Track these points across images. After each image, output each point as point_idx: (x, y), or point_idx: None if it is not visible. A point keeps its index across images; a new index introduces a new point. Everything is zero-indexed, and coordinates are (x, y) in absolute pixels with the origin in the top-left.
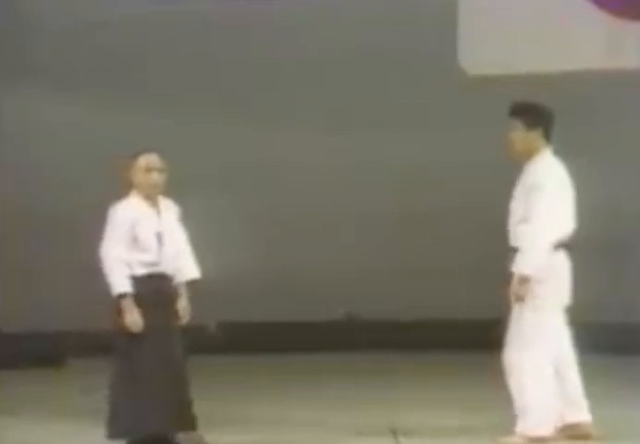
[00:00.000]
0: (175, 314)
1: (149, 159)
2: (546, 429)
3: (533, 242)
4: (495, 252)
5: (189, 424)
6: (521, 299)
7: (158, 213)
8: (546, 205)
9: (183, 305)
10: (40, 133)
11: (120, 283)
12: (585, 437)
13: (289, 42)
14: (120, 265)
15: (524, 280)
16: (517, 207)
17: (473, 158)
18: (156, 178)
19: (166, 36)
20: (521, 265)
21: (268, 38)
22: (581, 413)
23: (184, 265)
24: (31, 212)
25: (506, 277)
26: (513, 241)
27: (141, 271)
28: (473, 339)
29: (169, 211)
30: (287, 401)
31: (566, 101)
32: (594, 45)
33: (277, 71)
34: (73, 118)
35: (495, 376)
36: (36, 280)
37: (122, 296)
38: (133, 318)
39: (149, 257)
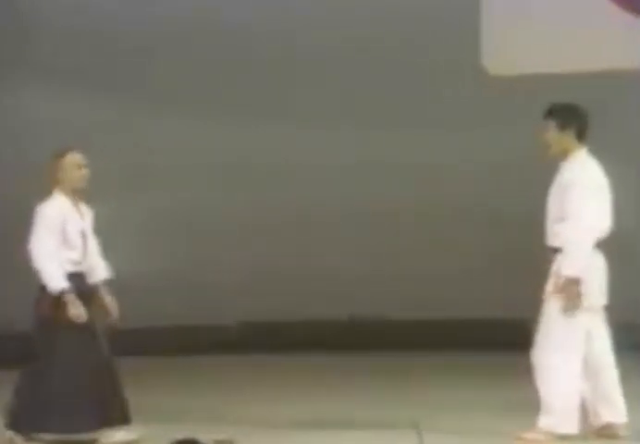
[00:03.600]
0: (97, 312)
1: (77, 156)
2: (570, 427)
3: (577, 243)
4: (512, 251)
5: (120, 419)
6: (574, 300)
7: (80, 212)
8: (582, 204)
9: (109, 301)
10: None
11: (60, 278)
12: (613, 436)
13: (305, 39)
14: (56, 260)
15: (573, 282)
16: (552, 206)
17: (490, 158)
18: (83, 174)
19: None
20: (568, 268)
21: (287, 35)
22: (616, 414)
23: (99, 265)
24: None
25: (538, 276)
26: (551, 241)
27: (68, 268)
28: (499, 339)
29: (87, 212)
30: (312, 400)
31: (590, 101)
32: (617, 45)
33: (295, 69)
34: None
35: (523, 377)
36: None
37: (64, 291)
38: (78, 311)
39: (75, 255)
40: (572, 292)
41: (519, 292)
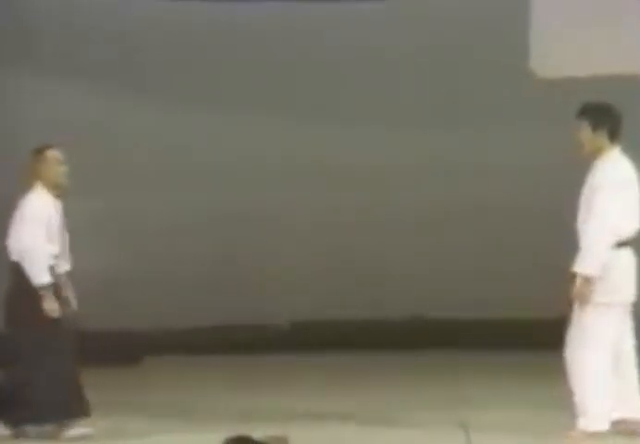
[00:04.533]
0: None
1: (57, 153)
2: (603, 424)
3: (591, 242)
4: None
5: (84, 409)
6: (585, 298)
7: (57, 207)
8: (604, 205)
9: (71, 294)
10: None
11: (46, 273)
12: (632, 433)
13: (350, 41)
14: (45, 256)
15: (587, 280)
16: (582, 206)
17: (534, 161)
18: (64, 170)
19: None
20: (581, 266)
21: (337, 36)
22: (634, 410)
23: (64, 257)
24: None
25: (566, 276)
26: (580, 241)
27: (52, 262)
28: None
29: (60, 208)
30: (357, 398)
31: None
32: None
33: (349, 70)
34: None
35: (562, 376)
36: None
37: (45, 286)
38: (53, 306)
39: (56, 249)
40: (583, 290)
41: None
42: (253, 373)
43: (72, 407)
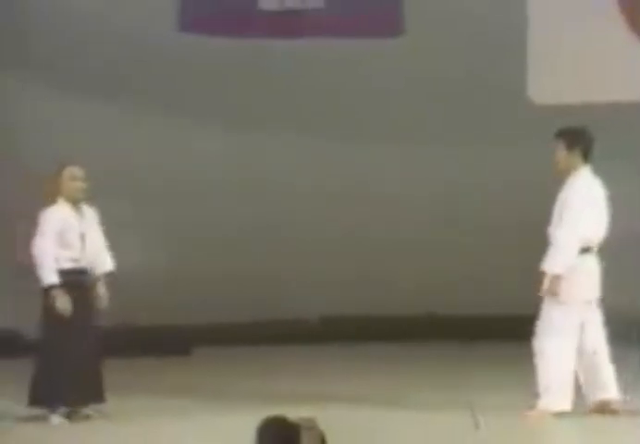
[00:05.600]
0: (92, 302)
1: (73, 170)
2: (565, 405)
3: (560, 245)
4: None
5: (100, 396)
6: (554, 294)
7: (81, 217)
8: (574, 215)
9: (103, 291)
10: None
11: (50, 275)
12: (613, 412)
13: (359, 70)
14: (50, 259)
15: (556, 278)
16: (555, 215)
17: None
18: (80, 185)
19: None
20: (550, 265)
21: (338, 68)
22: (610, 392)
23: (102, 260)
24: None
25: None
26: None
27: (66, 265)
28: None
29: (89, 215)
30: (375, 384)
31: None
32: None
33: (351, 97)
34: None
35: None
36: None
37: (53, 285)
38: (64, 305)
39: (73, 254)
40: (551, 287)
41: None
42: (285, 362)
43: (88, 393)
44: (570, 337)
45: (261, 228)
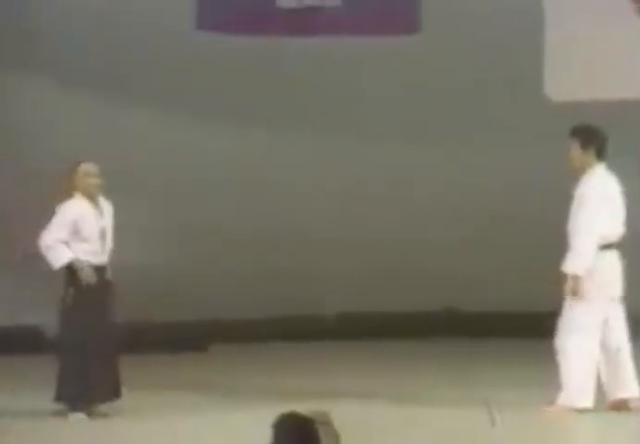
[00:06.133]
0: (110, 298)
1: (87, 167)
2: (585, 402)
3: (578, 246)
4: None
5: (117, 392)
6: (575, 294)
7: (100, 212)
8: (590, 213)
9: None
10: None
11: (63, 253)
12: (631, 410)
13: (367, 69)
14: (58, 242)
15: (576, 278)
16: (572, 215)
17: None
18: (94, 181)
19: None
20: (570, 266)
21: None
22: (630, 391)
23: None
24: None
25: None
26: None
27: (85, 258)
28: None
29: (107, 209)
30: (391, 380)
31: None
32: None
33: (358, 96)
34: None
35: None
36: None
37: (70, 261)
38: (87, 272)
39: (91, 247)
40: (572, 287)
41: None
42: (301, 359)
43: (107, 389)
44: (592, 334)
45: (285, 226)
